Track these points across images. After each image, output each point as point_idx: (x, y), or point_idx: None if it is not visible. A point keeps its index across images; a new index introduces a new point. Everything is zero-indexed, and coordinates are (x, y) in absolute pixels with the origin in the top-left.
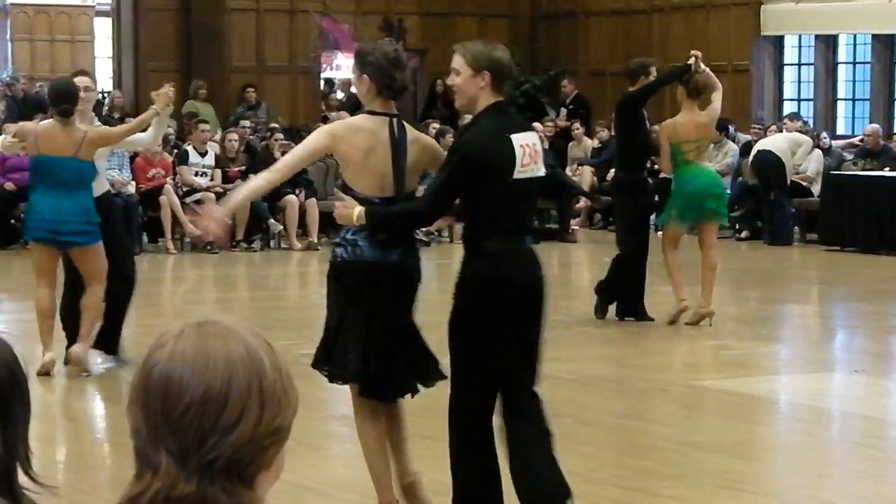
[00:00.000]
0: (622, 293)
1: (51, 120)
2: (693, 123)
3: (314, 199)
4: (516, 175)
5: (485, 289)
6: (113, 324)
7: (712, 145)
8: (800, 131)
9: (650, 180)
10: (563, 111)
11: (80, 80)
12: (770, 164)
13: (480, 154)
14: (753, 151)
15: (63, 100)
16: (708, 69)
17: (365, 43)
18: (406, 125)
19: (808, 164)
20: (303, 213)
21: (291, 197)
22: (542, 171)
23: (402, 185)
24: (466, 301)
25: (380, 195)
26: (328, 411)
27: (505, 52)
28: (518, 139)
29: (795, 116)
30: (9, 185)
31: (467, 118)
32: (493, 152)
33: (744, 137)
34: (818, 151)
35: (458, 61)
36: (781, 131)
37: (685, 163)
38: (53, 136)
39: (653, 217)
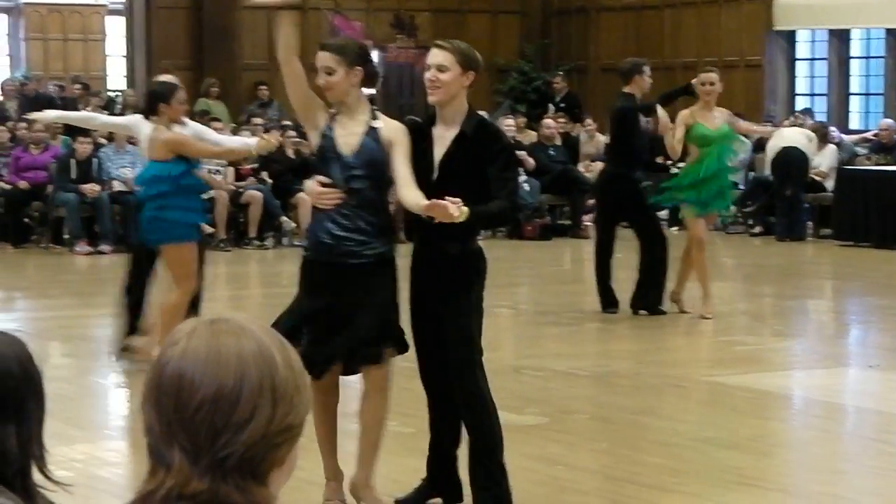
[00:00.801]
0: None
1: None
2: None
3: None
4: None
5: (485, 264)
6: None
7: (744, 139)
8: (796, 125)
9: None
10: (551, 108)
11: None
12: (795, 160)
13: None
14: (775, 147)
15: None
16: (754, 128)
17: (341, 38)
18: None
19: (821, 160)
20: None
21: (303, 194)
22: None
23: None
24: (478, 272)
25: None
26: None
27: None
28: None
29: (804, 112)
30: (22, 184)
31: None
32: None
33: None
34: (832, 146)
35: (445, 58)
36: (796, 126)
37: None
38: (149, 139)
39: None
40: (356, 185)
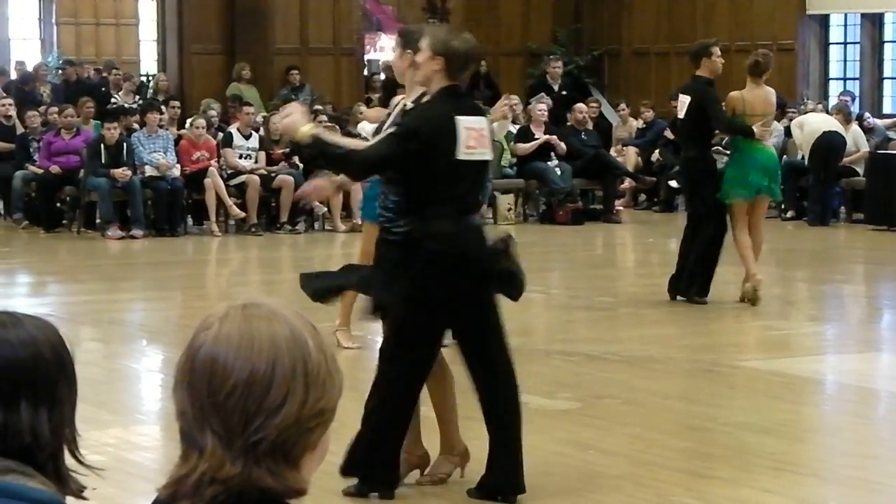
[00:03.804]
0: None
1: None
2: (762, 97)
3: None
4: (460, 156)
5: (442, 265)
6: None
7: (776, 123)
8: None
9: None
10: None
11: None
12: (836, 146)
13: (421, 129)
14: (813, 133)
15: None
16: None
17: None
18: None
19: (850, 143)
20: (347, 194)
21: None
22: (488, 156)
23: None
24: (421, 277)
25: None
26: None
27: (466, 42)
28: (464, 122)
29: (845, 94)
30: (54, 169)
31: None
32: (436, 130)
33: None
34: (857, 128)
35: (422, 41)
36: (827, 111)
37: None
38: None
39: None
40: None
